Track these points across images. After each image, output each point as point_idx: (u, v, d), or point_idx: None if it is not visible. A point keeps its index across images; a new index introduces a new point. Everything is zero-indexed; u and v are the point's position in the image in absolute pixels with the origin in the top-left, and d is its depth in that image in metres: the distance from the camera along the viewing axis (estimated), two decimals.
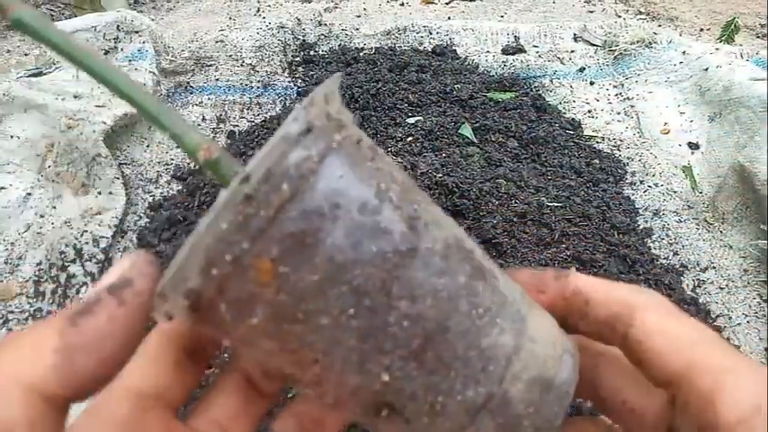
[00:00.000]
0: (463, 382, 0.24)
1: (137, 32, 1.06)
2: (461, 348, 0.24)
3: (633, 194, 0.95)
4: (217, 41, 1.14)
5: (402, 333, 0.23)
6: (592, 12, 1.50)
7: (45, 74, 1.03)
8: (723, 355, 0.23)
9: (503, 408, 0.25)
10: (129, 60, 1.04)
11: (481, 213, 0.84)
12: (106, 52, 1.05)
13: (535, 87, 1.13)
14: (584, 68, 1.16)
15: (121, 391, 0.22)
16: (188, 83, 1.10)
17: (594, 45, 1.21)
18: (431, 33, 1.23)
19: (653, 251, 0.86)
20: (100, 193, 0.90)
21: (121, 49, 1.05)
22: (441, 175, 0.86)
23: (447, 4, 1.53)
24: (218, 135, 1.04)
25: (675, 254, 0.86)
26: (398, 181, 0.25)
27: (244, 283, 0.21)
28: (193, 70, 1.11)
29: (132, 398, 0.22)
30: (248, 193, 0.21)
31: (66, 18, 1.41)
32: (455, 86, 1.08)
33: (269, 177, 0.21)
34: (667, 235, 0.89)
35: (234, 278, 0.21)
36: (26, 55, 1.37)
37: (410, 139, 0.97)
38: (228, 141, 1.03)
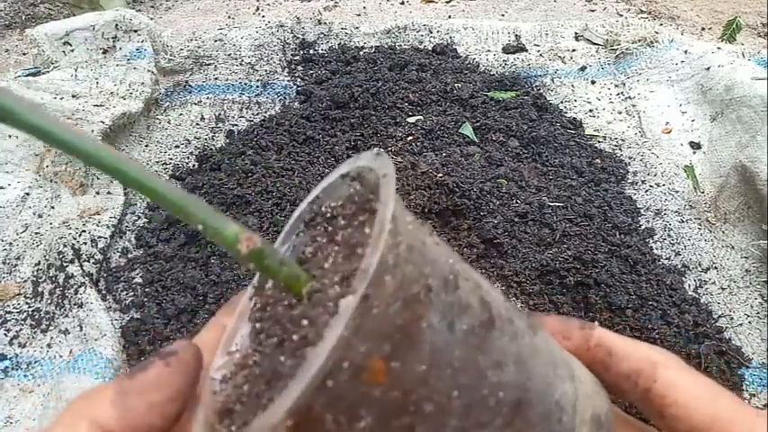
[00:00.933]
0: None
1: (135, 31, 1.06)
2: (543, 406, 0.25)
3: (635, 194, 0.94)
4: (216, 40, 1.13)
5: (495, 403, 0.23)
6: (593, 11, 1.49)
7: (43, 73, 1.02)
8: (745, 410, 0.26)
9: None
10: (128, 59, 1.03)
11: (482, 213, 0.83)
12: (104, 51, 1.05)
13: (536, 86, 1.13)
14: (586, 67, 1.15)
15: None
16: (187, 82, 1.09)
17: (596, 44, 1.20)
18: (431, 32, 1.23)
19: (655, 251, 0.85)
20: (98, 192, 0.90)
21: (120, 48, 1.05)
22: (441, 174, 0.85)
23: (447, 2, 1.52)
24: (216, 134, 1.04)
25: (677, 254, 0.86)
26: (450, 250, 0.25)
27: (356, 387, 0.20)
28: (192, 69, 1.11)
29: None
30: (365, 293, 0.20)
31: (65, 17, 1.41)
32: (455, 85, 1.07)
33: (378, 274, 0.20)
34: (669, 235, 0.88)
35: (348, 384, 0.20)
36: (24, 54, 1.36)
37: (410, 138, 0.97)
38: (227, 141, 1.02)
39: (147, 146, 1.00)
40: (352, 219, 0.26)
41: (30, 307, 0.78)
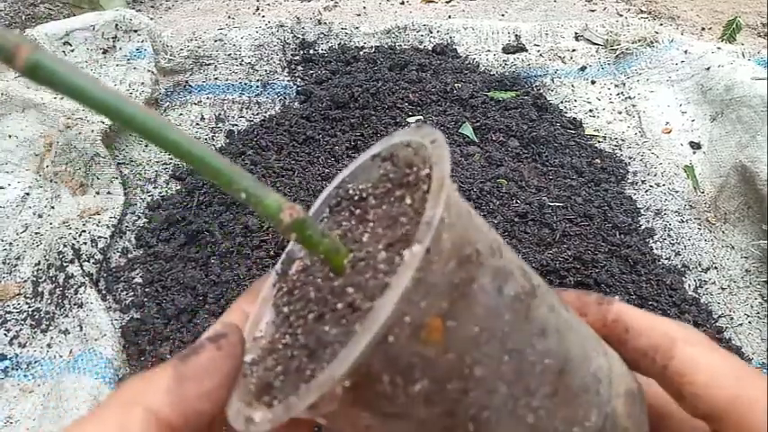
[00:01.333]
0: (587, 409, 0.25)
1: (135, 31, 1.06)
2: (582, 378, 0.25)
3: (635, 194, 0.94)
4: (216, 40, 1.13)
5: (540, 371, 0.23)
6: (593, 11, 1.49)
7: None
8: (761, 386, 0.24)
9: (614, 425, 0.26)
10: (128, 59, 1.03)
11: (482, 213, 0.83)
12: (105, 51, 1.05)
13: (536, 86, 1.13)
14: (586, 67, 1.15)
15: None
16: (187, 82, 1.09)
17: (596, 44, 1.20)
18: (431, 32, 1.23)
19: (655, 251, 0.85)
20: (98, 192, 0.90)
21: (120, 48, 1.05)
22: None
23: (447, 2, 1.52)
24: (216, 134, 1.04)
25: (677, 254, 0.86)
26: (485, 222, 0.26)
27: (414, 346, 0.20)
28: (192, 69, 1.11)
29: None
30: (429, 246, 0.20)
31: (65, 17, 1.41)
32: (455, 85, 1.07)
33: (437, 230, 0.20)
34: (669, 235, 0.88)
35: (407, 342, 0.20)
36: None
37: None
38: (227, 141, 1.02)
39: (147, 146, 1.00)
40: (386, 196, 0.26)
41: (30, 307, 0.78)
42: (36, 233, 0.85)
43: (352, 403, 0.21)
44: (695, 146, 1.01)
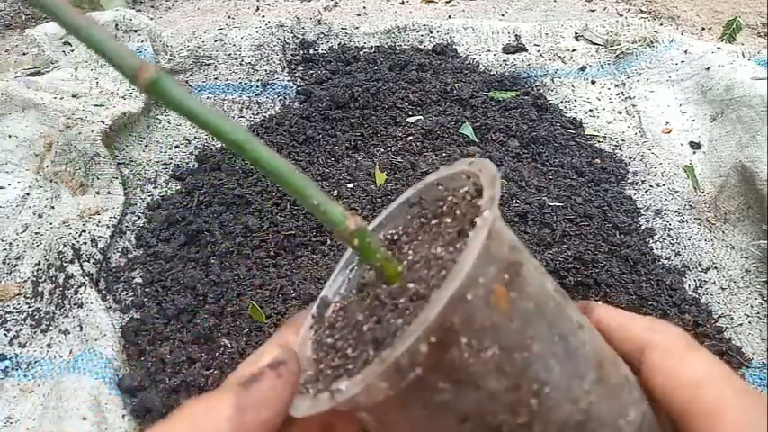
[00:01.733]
0: (627, 405, 0.26)
1: (135, 31, 1.06)
2: (616, 374, 0.26)
3: (635, 194, 0.94)
4: (216, 40, 1.13)
5: (585, 357, 0.25)
6: (593, 11, 1.49)
7: (43, 73, 1.02)
8: (722, 395, 0.24)
9: (650, 425, 0.27)
10: None
11: None
12: None
13: (536, 86, 1.13)
14: (586, 67, 1.15)
15: None
16: (187, 82, 1.09)
17: (596, 44, 1.20)
18: (431, 32, 1.23)
19: (655, 251, 0.85)
20: (98, 192, 0.90)
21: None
22: None
23: (447, 2, 1.52)
24: None
25: (677, 254, 0.86)
26: None
27: (486, 309, 0.22)
28: (192, 69, 1.11)
29: None
30: (491, 228, 0.23)
31: None
32: (455, 85, 1.07)
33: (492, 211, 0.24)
34: (669, 235, 0.88)
35: (481, 303, 0.22)
36: (24, 54, 1.36)
37: (410, 138, 0.97)
38: None
39: (146, 146, 1.00)
40: (419, 230, 0.29)
41: (30, 307, 0.78)
42: (36, 233, 0.85)
43: (433, 366, 0.22)
44: (695, 146, 1.01)
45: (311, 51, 1.18)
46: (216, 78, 1.11)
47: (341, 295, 0.30)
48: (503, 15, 1.48)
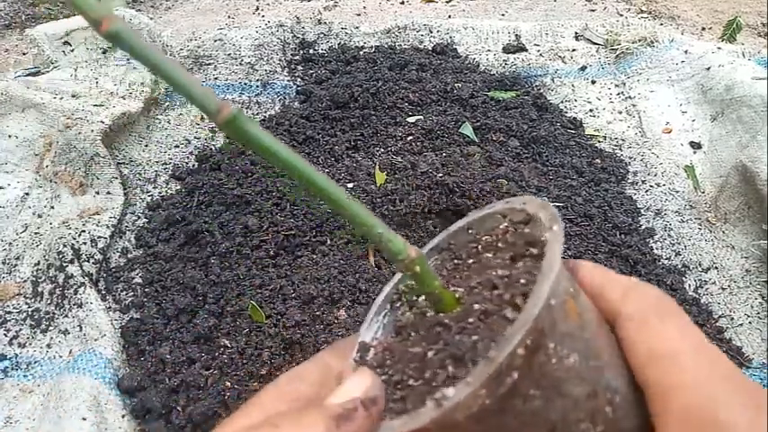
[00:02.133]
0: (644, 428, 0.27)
1: (135, 31, 1.06)
2: (628, 399, 0.27)
3: (635, 194, 0.94)
4: (215, 40, 1.13)
5: (618, 376, 0.27)
6: (593, 10, 1.49)
7: (43, 73, 1.02)
8: (681, 370, 0.24)
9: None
10: (128, 59, 1.03)
11: None
12: (104, 51, 1.04)
13: (536, 86, 1.12)
14: (586, 67, 1.15)
15: None
16: None
17: (596, 44, 1.20)
18: (431, 32, 1.23)
19: (655, 251, 0.85)
20: (98, 192, 0.90)
21: (119, 48, 1.04)
22: (441, 174, 0.85)
23: (448, 2, 1.52)
24: (216, 134, 1.04)
25: (677, 254, 0.86)
26: None
27: (564, 318, 0.24)
28: (192, 69, 1.11)
29: None
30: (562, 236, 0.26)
31: (65, 17, 1.40)
32: (456, 85, 1.07)
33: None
34: (669, 235, 0.88)
35: (561, 312, 0.24)
36: (24, 54, 1.36)
37: (410, 138, 0.97)
38: (227, 141, 1.02)
39: (146, 146, 1.00)
40: (453, 273, 0.31)
41: (29, 307, 0.78)
42: (36, 233, 0.85)
43: (527, 372, 0.23)
44: (695, 146, 1.01)
45: (311, 51, 1.18)
46: (216, 78, 1.11)
47: (377, 340, 0.31)
48: (503, 15, 1.48)
